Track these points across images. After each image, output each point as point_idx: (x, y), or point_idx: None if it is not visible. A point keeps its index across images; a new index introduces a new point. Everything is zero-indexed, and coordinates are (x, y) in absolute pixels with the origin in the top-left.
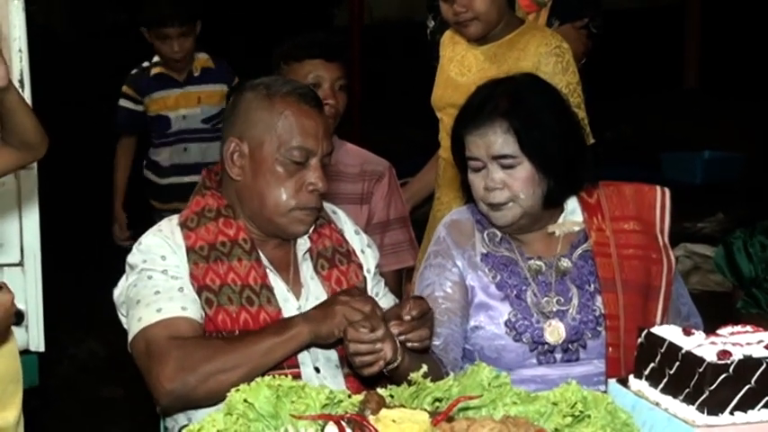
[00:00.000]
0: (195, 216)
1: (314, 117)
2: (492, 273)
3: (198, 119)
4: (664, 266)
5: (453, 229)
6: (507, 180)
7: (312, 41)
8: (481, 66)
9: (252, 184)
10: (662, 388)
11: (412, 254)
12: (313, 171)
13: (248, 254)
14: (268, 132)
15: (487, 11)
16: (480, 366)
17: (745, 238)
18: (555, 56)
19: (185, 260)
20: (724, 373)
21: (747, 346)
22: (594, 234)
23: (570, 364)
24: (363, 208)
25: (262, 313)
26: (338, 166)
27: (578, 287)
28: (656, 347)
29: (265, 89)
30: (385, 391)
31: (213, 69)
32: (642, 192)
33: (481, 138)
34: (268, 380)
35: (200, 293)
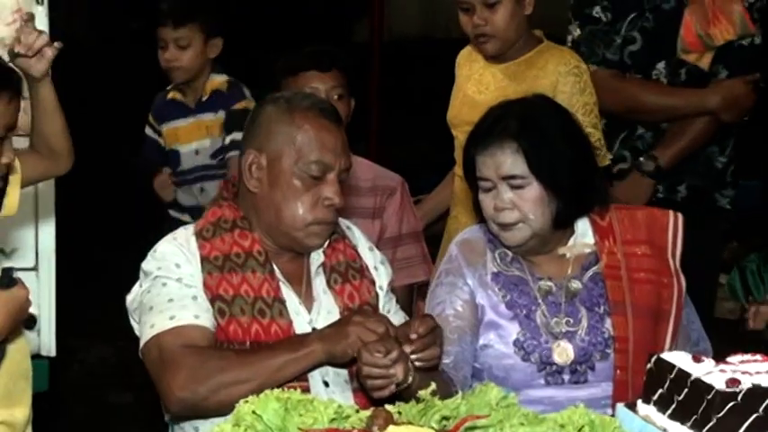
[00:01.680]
0: (211, 226)
1: (333, 132)
2: (502, 292)
3: (208, 153)
4: (674, 291)
5: (465, 247)
6: (516, 201)
7: (305, 54)
8: (499, 84)
9: (269, 196)
10: (670, 414)
11: (424, 269)
12: (330, 186)
13: (262, 266)
14: (287, 145)
15: (506, 28)
16: (489, 386)
17: (759, 262)
18: (574, 75)
19: (199, 269)
20: (732, 401)
21: (757, 375)
22: (606, 257)
23: (578, 386)
24: (375, 222)
25: (273, 326)
26: (350, 180)
27: (588, 309)
28: (665, 373)
29: (286, 103)
30: (393, 408)
31: (225, 94)
32: (654, 216)
33: (491, 158)
34: (277, 392)
35: (212, 303)
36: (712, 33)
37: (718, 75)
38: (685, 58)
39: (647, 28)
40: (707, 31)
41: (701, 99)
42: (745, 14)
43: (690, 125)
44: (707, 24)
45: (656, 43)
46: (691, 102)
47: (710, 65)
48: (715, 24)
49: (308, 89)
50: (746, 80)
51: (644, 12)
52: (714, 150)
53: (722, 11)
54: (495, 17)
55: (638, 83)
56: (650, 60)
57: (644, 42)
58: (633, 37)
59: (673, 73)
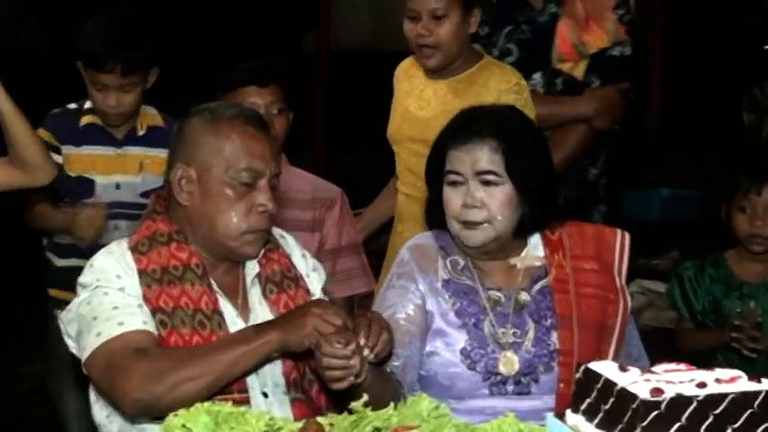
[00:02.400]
0: (146, 240)
1: (260, 139)
2: (452, 300)
3: (137, 190)
4: (620, 307)
5: (417, 252)
6: (486, 199)
7: (242, 69)
8: (441, 100)
9: (201, 208)
10: (597, 423)
11: (364, 281)
12: (262, 192)
13: (200, 279)
14: (215, 156)
15: (450, 42)
16: (420, 397)
17: (696, 270)
18: (514, 93)
19: (138, 282)
20: (656, 411)
21: (680, 384)
22: (555, 270)
23: (521, 398)
24: (315, 235)
25: (213, 338)
26: (289, 192)
27: (535, 321)
28: (592, 383)
29: (210, 114)
30: (324, 420)
31: (163, 129)
32: (603, 233)
33: (468, 153)
34: (207, 405)
35: (153, 315)
36: (586, 41)
37: (592, 84)
38: (560, 67)
39: (523, 40)
40: (581, 39)
41: (576, 106)
42: (617, 24)
43: (567, 135)
44: (580, 33)
45: (532, 54)
46: (566, 109)
47: (584, 74)
48: (588, 32)
49: (246, 105)
50: (618, 88)
51: (519, 24)
52: (586, 163)
53: (595, 20)
54: (440, 30)
55: None
56: (527, 71)
57: (520, 54)
58: (509, 49)
59: (549, 83)
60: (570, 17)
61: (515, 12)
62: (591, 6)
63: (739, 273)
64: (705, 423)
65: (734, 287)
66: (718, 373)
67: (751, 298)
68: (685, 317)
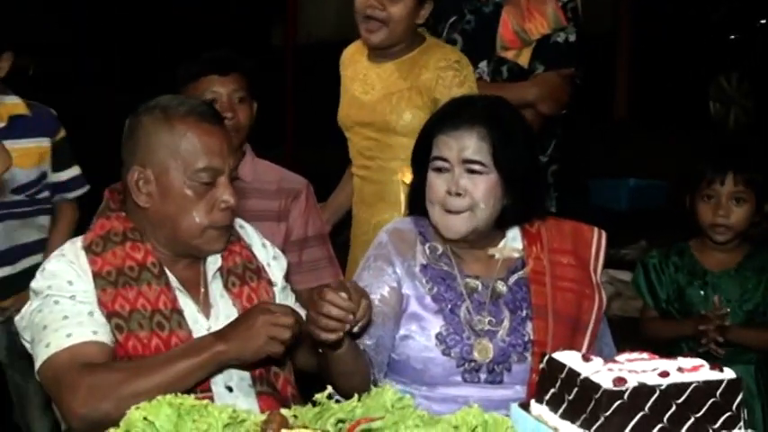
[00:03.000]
0: (100, 240)
1: (216, 134)
2: (429, 284)
3: (7, 187)
4: (595, 303)
5: (396, 236)
6: (470, 187)
7: (204, 59)
8: (385, 83)
9: (162, 210)
10: (561, 413)
11: (331, 271)
12: (223, 188)
13: (157, 278)
14: (172, 156)
15: (398, 22)
16: (384, 388)
17: (661, 259)
18: (453, 69)
19: (92, 285)
20: (619, 400)
21: (643, 374)
22: (532, 262)
23: (493, 386)
24: (281, 225)
25: (173, 338)
26: (255, 183)
27: (511, 311)
28: (556, 373)
29: (162, 112)
30: (288, 412)
31: (29, 118)
32: (581, 230)
33: (456, 140)
34: (169, 398)
35: (109, 319)
36: (527, 28)
37: (536, 70)
38: (505, 55)
39: (467, 30)
40: (522, 26)
41: (520, 92)
42: (558, 10)
43: None
44: (522, 20)
45: (477, 44)
46: (509, 95)
47: (529, 62)
48: (530, 20)
49: (208, 93)
50: (561, 73)
51: (464, 15)
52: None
53: (536, 8)
54: (392, 7)
55: None
56: (473, 60)
57: (464, 44)
58: (454, 39)
59: (495, 71)
60: (513, 6)
61: (462, 2)
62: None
63: (703, 261)
64: (668, 412)
65: (698, 276)
66: (681, 362)
67: (714, 287)
68: (650, 305)
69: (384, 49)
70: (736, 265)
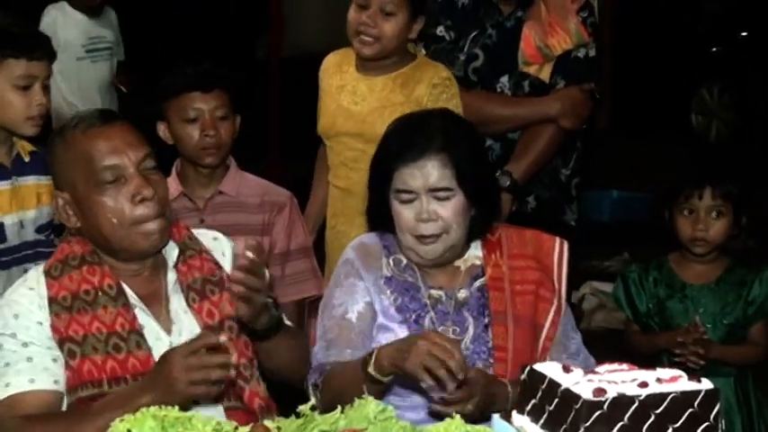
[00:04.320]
0: (59, 264)
1: (106, 134)
2: (394, 295)
3: (34, 226)
4: (552, 307)
5: (361, 251)
6: (440, 211)
7: (186, 74)
8: (377, 95)
9: (88, 225)
10: (542, 424)
11: (314, 284)
12: (132, 182)
13: (114, 299)
14: (73, 172)
15: (390, 38)
16: (367, 400)
17: (641, 273)
18: (443, 86)
19: (47, 311)
20: (598, 410)
21: (622, 384)
22: (491, 269)
23: None
24: (264, 239)
25: (130, 359)
26: (239, 197)
27: (474, 318)
28: (537, 384)
29: (59, 134)
30: (272, 423)
31: (41, 155)
32: (541, 239)
33: (419, 170)
34: (153, 410)
35: (61, 345)
36: (550, 44)
37: (557, 85)
38: (527, 70)
39: (489, 44)
40: (545, 42)
41: (542, 107)
42: (580, 26)
43: (537, 137)
44: (545, 36)
45: (499, 59)
46: (532, 110)
47: (550, 76)
48: (552, 35)
49: (191, 111)
50: (582, 88)
51: (485, 29)
52: (558, 162)
53: (558, 23)
54: (385, 25)
55: (482, 95)
56: (493, 75)
57: (486, 58)
58: (475, 54)
59: (516, 86)
60: (535, 21)
61: (483, 17)
62: (554, 10)
63: (682, 275)
64: (647, 422)
65: (677, 289)
66: (659, 373)
67: (694, 300)
68: (630, 318)
69: (376, 62)
70: (716, 279)
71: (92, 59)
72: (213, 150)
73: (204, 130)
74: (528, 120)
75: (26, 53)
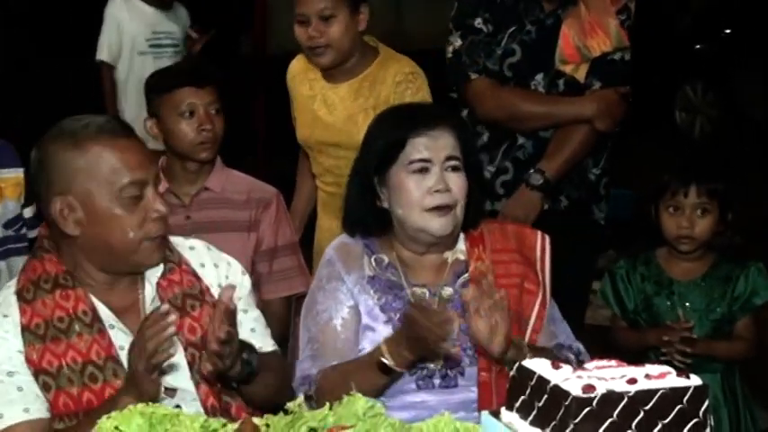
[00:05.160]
0: (32, 285)
1: (132, 147)
2: (377, 295)
3: (1, 222)
4: (537, 299)
5: (342, 251)
6: (452, 183)
7: (180, 70)
8: (345, 103)
9: (93, 234)
10: (531, 420)
11: (301, 280)
12: (152, 199)
13: (89, 326)
14: (92, 181)
15: (340, 40)
16: (356, 396)
17: (628, 268)
18: (408, 82)
19: (20, 341)
20: (588, 407)
21: (611, 381)
22: (474, 263)
23: (449, 390)
24: (251, 235)
25: (107, 389)
26: (224, 193)
27: (460, 315)
28: (526, 380)
29: (70, 137)
30: (261, 420)
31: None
32: (524, 233)
33: (435, 139)
34: (141, 407)
35: (36, 376)
36: (589, 45)
37: (592, 86)
38: (563, 69)
39: (527, 41)
40: (584, 42)
41: (577, 107)
42: (619, 28)
43: (570, 136)
44: (584, 36)
45: (535, 56)
46: (567, 109)
47: (585, 77)
48: (592, 36)
49: (185, 106)
50: (618, 91)
51: (524, 25)
52: (588, 162)
53: (598, 24)
54: (330, 29)
55: (517, 92)
56: (529, 72)
57: (523, 55)
58: (513, 49)
59: (551, 84)
60: (574, 19)
61: (523, 12)
62: (595, 10)
63: (669, 271)
64: (636, 418)
65: (664, 285)
66: (648, 369)
67: (681, 296)
68: (617, 315)
69: (338, 68)
70: (702, 275)
71: (155, 55)
72: (209, 145)
73: (201, 124)
74: (562, 119)
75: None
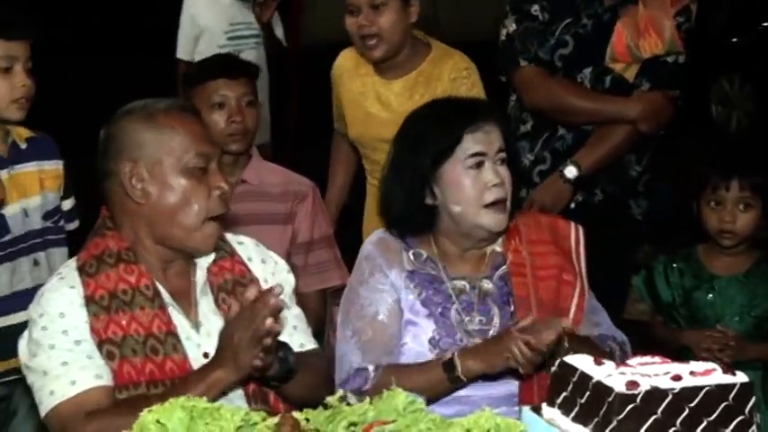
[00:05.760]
0: (94, 261)
1: (199, 123)
2: (417, 290)
3: (40, 213)
4: (576, 290)
5: (381, 246)
6: (504, 175)
7: (213, 61)
8: (400, 100)
9: (159, 202)
10: (573, 417)
11: (337, 273)
12: (215, 174)
13: (151, 300)
14: (162, 148)
15: (391, 31)
16: (396, 391)
17: (666, 264)
18: (463, 78)
19: (84, 313)
20: (632, 404)
21: (655, 377)
22: (511, 255)
23: (491, 384)
24: (287, 228)
25: (168, 362)
26: (261, 186)
27: (499, 307)
28: (568, 376)
29: (143, 110)
30: (300, 415)
31: (39, 141)
32: (557, 224)
33: (487, 133)
34: (182, 400)
35: (100, 347)
36: (641, 46)
37: (641, 87)
38: (612, 66)
39: (581, 34)
40: (637, 42)
41: (623, 107)
42: (675, 32)
43: (611, 133)
44: (638, 36)
45: (587, 49)
46: (613, 108)
47: (635, 76)
48: (645, 37)
49: (217, 97)
50: (667, 94)
51: (580, 18)
52: (630, 158)
53: (654, 25)
54: (380, 19)
55: (564, 83)
56: (578, 65)
57: (575, 47)
58: (565, 41)
59: (596, 79)
60: (630, 17)
61: (581, 5)
62: (652, 11)
63: (711, 266)
64: (681, 416)
65: (704, 280)
66: (693, 366)
67: (722, 291)
68: (653, 309)
69: (390, 61)
70: (746, 272)
71: (234, 48)
72: (239, 137)
73: (231, 116)
74: (607, 117)
75: (3, 34)
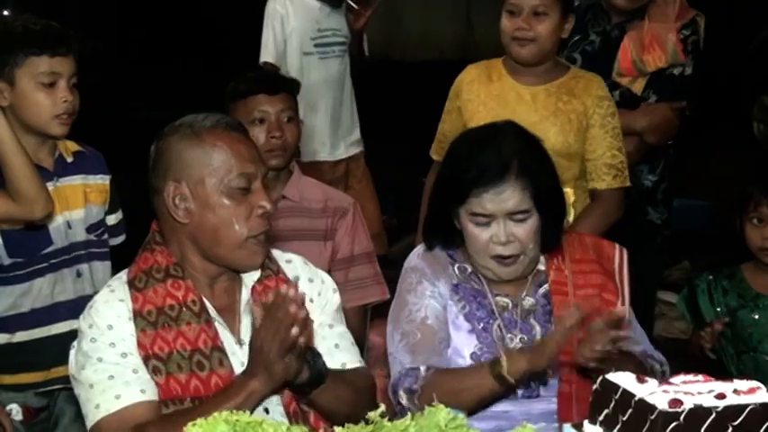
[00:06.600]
0: (144, 275)
1: (245, 142)
2: (461, 303)
3: (83, 226)
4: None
5: (428, 259)
6: (518, 233)
7: (252, 77)
8: (543, 104)
9: (202, 222)
10: None
11: (378, 289)
12: (259, 194)
13: (198, 315)
14: (205, 168)
15: (547, 38)
16: (438, 407)
17: (711, 282)
18: (607, 100)
19: (132, 327)
20: (674, 422)
21: (698, 396)
22: (553, 273)
23: (531, 401)
24: (327, 244)
25: (213, 377)
26: (302, 202)
27: (541, 326)
28: (610, 393)
29: (189, 128)
30: (342, 429)
31: (86, 155)
32: (601, 245)
33: (497, 195)
34: (225, 415)
35: (146, 361)
36: (645, 60)
37: (649, 99)
38: (619, 80)
39: (589, 51)
40: (641, 57)
41: (629, 120)
42: (678, 45)
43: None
44: (642, 51)
45: (595, 65)
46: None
47: (643, 89)
48: (649, 52)
49: (257, 113)
50: (673, 106)
51: (588, 35)
52: (642, 169)
53: (657, 40)
54: (539, 26)
55: None
56: None
57: (583, 63)
58: (574, 57)
59: None
60: (636, 32)
61: (590, 22)
62: (656, 25)
63: (755, 284)
64: None
65: (749, 299)
66: (737, 384)
67: (766, 311)
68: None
69: (532, 67)
70: None
71: (320, 55)
72: (279, 152)
73: (270, 131)
74: None
75: (48, 50)
